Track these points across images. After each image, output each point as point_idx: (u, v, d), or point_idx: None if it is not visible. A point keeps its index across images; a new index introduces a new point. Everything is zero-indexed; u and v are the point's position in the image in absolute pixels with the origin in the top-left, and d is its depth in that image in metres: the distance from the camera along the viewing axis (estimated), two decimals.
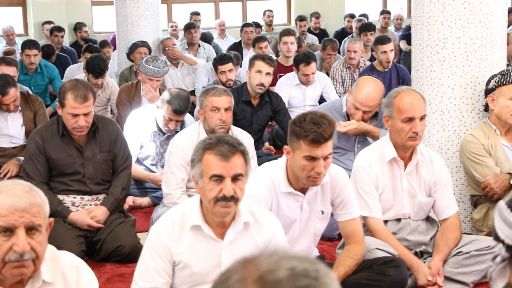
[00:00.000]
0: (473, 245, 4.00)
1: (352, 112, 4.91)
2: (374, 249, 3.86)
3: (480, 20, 4.69)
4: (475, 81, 4.75)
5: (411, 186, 4.08)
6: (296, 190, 3.65)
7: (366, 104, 4.85)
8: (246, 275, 1.14)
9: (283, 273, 1.13)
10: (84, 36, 12.47)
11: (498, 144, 4.56)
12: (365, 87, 4.88)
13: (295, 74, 7.49)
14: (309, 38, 12.44)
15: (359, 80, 4.99)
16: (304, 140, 3.43)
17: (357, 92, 4.86)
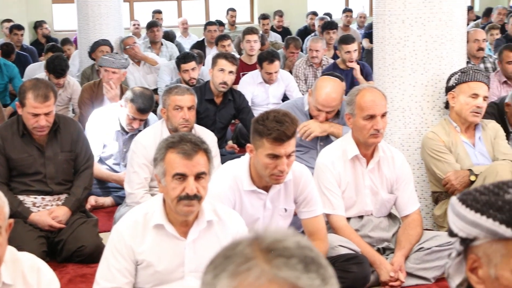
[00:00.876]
0: (434, 241, 4.05)
1: (315, 114, 4.91)
2: (337, 246, 3.88)
3: (441, 18, 4.74)
4: (435, 79, 4.80)
5: (373, 183, 4.11)
6: (259, 188, 3.65)
7: (327, 105, 4.85)
8: (253, 244, 1.17)
9: (291, 243, 1.16)
10: (46, 33, 12.32)
11: (458, 141, 4.61)
12: (324, 88, 4.87)
13: (258, 72, 7.49)
14: (272, 36, 12.45)
15: (318, 81, 4.99)
16: (267, 138, 3.43)
17: (318, 94, 4.85)
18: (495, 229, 1.53)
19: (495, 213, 1.53)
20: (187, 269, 3.10)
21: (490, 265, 1.57)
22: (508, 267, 1.54)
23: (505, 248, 1.54)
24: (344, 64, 7.72)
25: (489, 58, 7.76)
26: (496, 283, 1.56)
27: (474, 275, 1.61)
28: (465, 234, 1.59)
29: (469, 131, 4.67)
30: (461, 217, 1.58)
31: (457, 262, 1.64)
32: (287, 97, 7.49)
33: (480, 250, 1.58)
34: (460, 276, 1.65)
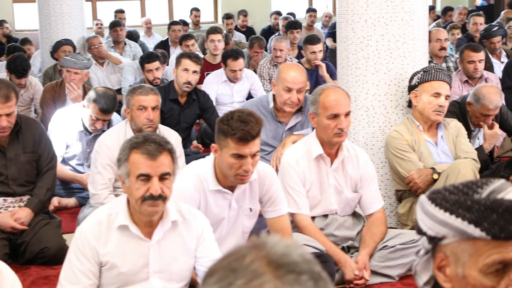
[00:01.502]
0: (398, 239, 4.08)
1: (285, 99, 4.86)
2: (302, 245, 3.89)
3: (403, 18, 4.78)
4: (398, 78, 4.84)
5: (338, 182, 4.13)
6: (225, 188, 3.65)
7: (296, 81, 4.85)
8: (261, 257, 1.14)
9: (297, 257, 1.15)
10: (7, 32, 12.16)
11: (421, 139, 4.66)
12: (289, 68, 4.93)
13: (222, 71, 7.48)
14: (236, 36, 12.45)
15: (279, 68, 5.03)
16: (232, 138, 3.43)
17: (284, 76, 4.85)
18: (463, 229, 1.54)
19: (464, 212, 1.54)
20: (151, 270, 3.08)
21: (457, 264, 1.58)
22: (475, 266, 1.55)
23: (473, 247, 1.55)
24: (309, 64, 7.75)
25: (451, 58, 7.85)
26: (464, 282, 1.57)
27: (441, 273, 1.62)
28: (433, 233, 1.60)
29: (431, 130, 4.72)
30: (430, 215, 1.59)
31: (424, 260, 1.65)
32: (252, 96, 7.49)
33: (448, 249, 1.59)
34: (427, 273, 1.66)
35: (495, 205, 1.52)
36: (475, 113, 5.21)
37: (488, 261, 1.54)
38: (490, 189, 1.57)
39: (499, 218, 1.51)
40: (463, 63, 6.68)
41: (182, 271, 3.13)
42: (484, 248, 1.54)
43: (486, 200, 1.53)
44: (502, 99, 5.28)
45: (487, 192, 1.56)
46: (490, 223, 1.52)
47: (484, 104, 5.11)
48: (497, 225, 1.52)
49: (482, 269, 1.54)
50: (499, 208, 1.52)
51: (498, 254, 1.53)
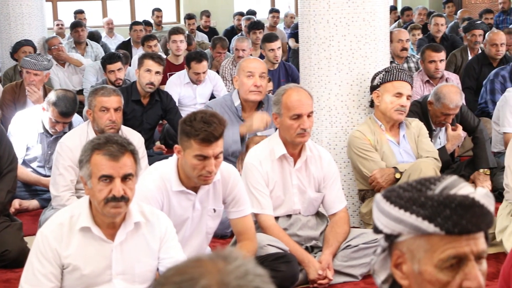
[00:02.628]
0: (361, 239, 4.11)
1: (252, 91, 4.91)
2: (266, 245, 3.89)
3: (364, 18, 4.81)
4: (360, 78, 4.87)
5: (301, 182, 4.14)
6: (188, 188, 3.64)
7: (258, 66, 4.92)
8: (212, 283, 1.13)
9: (254, 283, 1.14)
10: None
11: (383, 139, 4.69)
12: (247, 60, 5.04)
13: (185, 72, 7.46)
14: (199, 36, 12.42)
15: (238, 64, 5.07)
16: (195, 139, 3.42)
17: (244, 64, 4.96)
18: (418, 225, 1.56)
19: (418, 209, 1.56)
20: (114, 271, 3.06)
21: (413, 261, 1.59)
22: (431, 262, 1.57)
23: (428, 243, 1.57)
24: (270, 63, 7.76)
25: (412, 58, 7.93)
26: (420, 278, 1.59)
27: (398, 270, 1.63)
28: (389, 230, 1.61)
29: (393, 129, 4.76)
30: (386, 213, 1.61)
31: (382, 258, 1.66)
32: (215, 97, 7.48)
33: (404, 246, 1.61)
34: (385, 272, 1.67)
35: (448, 200, 1.54)
36: (436, 113, 5.26)
37: (443, 256, 1.55)
38: (442, 185, 1.59)
39: (452, 213, 1.53)
40: (424, 63, 6.75)
41: (145, 273, 3.12)
42: (438, 244, 1.56)
43: (439, 196, 1.55)
44: (462, 98, 5.35)
45: (440, 188, 1.58)
46: (443, 218, 1.54)
47: (444, 104, 5.17)
48: (451, 220, 1.53)
49: (437, 265, 1.56)
50: (452, 204, 1.54)
51: (452, 249, 1.55)
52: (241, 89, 4.97)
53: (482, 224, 1.56)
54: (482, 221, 1.56)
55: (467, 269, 1.56)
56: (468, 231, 1.55)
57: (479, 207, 1.55)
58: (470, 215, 1.54)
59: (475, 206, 1.55)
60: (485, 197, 1.57)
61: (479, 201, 1.55)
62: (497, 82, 6.67)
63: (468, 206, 1.54)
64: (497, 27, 10.89)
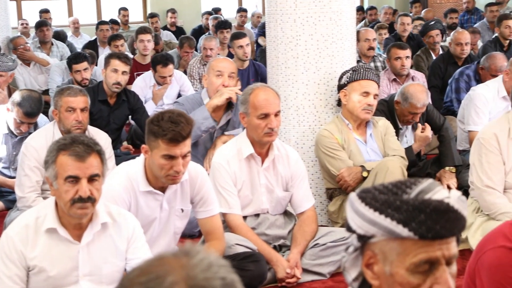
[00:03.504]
0: (329, 237, 4.13)
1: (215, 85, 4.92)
2: (234, 244, 3.89)
3: (331, 17, 4.83)
4: (327, 77, 4.89)
5: (269, 181, 4.15)
6: (155, 189, 3.62)
7: (227, 66, 4.91)
8: (179, 279, 1.14)
9: (218, 282, 1.15)
10: None
11: (351, 138, 4.71)
12: (217, 59, 5.04)
13: (151, 74, 7.42)
14: (166, 35, 12.37)
15: (208, 65, 5.07)
16: (162, 139, 3.41)
17: (214, 63, 4.95)
18: (392, 228, 1.57)
19: (393, 212, 1.56)
20: (81, 273, 3.04)
21: (385, 262, 1.60)
22: (402, 265, 1.58)
23: (401, 246, 1.57)
24: (240, 62, 7.76)
25: (379, 57, 7.98)
26: (391, 279, 1.60)
27: (369, 270, 1.64)
28: (363, 231, 1.62)
29: (360, 128, 4.79)
30: (360, 214, 1.61)
31: (353, 257, 1.67)
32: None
33: (377, 247, 1.61)
34: (356, 270, 1.68)
35: (423, 205, 1.55)
36: (403, 112, 5.30)
37: (415, 260, 1.56)
38: (418, 189, 1.59)
39: (426, 219, 1.54)
40: (391, 61, 6.80)
41: (113, 273, 3.09)
42: (411, 248, 1.57)
43: (415, 201, 1.56)
44: (428, 97, 5.39)
45: (416, 192, 1.59)
46: (418, 223, 1.54)
47: (412, 103, 5.20)
48: (425, 225, 1.54)
49: (409, 268, 1.57)
50: (426, 209, 1.54)
51: (424, 254, 1.56)
52: (210, 88, 4.96)
53: (455, 229, 1.57)
54: (455, 226, 1.57)
55: (438, 273, 1.57)
56: (441, 236, 1.56)
57: (453, 212, 1.56)
58: (444, 221, 1.55)
59: (449, 212, 1.55)
60: (459, 202, 1.58)
61: (453, 206, 1.56)
62: (462, 81, 6.74)
63: (443, 211, 1.55)
64: (461, 27, 11.01)
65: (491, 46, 8.35)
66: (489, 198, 4.21)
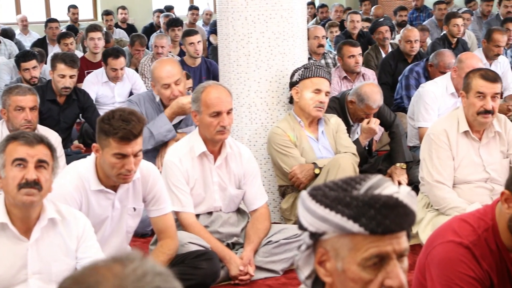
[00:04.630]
0: (282, 234, 4.14)
1: (172, 99, 4.88)
2: (187, 243, 3.88)
3: (282, 15, 4.84)
4: (279, 75, 4.90)
5: (221, 179, 4.15)
6: (107, 187, 3.59)
7: (171, 74, 4.87)
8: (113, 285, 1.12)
9: None
10: None
11: (303, 135, 4.74)
12: (159, 65, 4.95)
13: (103, 70, 7.35)
14: (118, 33, 12.27)
15: (151, 69, 5.04)
16: (113, 137, 3.38)
17: (158, 74, 4.89)
18: (343, 224, 1.58)
19: (344, 208, 1.57)
20: (30, 271, 3.00)
21: (337, 259, 1.61)
22: (354, 260, 1.59)
23: (352, 242, 1.59)
24: (192, 60, 7.74)
25: (330, 54, 8.03)
26: (343, 276, 1.61)
27: (322, 268, 1.65)
28: (314, 229, 1.62)
29: (312, 125, 4.81)
30: (311, 212, 1.62)
31: (306, 254, 1.67)
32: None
33: (329, 244, 1.62)
34: (309, 268, 1.69)
35: (373, 201, 1.56)
36: (357, 111, 5.34)
37: (366, 255, 1.58)
38: (368, 185, 1.60)
39: (376, 214, 1.55)
40: (343, 59, 6.85)
41: (63, 272, 3.05)
42: (362, 243, 1.58)
43: (364, 196, 1.57)
44: (382, 97, 5.43)
45: (365, 188, 1.60)
46: (368, 218, 1.56)
47: (368, 104, 5.24)
48: (375, 220, 1.56)
49: (360, 263, 1.58)
50: (376, 204, 1.56)
51: (375, 248, 1.57)
52: (161, 97, 4.93)
53: (405, 224, 1.59)
54: (405, 221, 1.59)
55: (389, 268, 1.59)
56: (391, 231, 1.57)
57: (402, 207, 1.58)
58: (394, 215, 1.56)
59: (399, 206, 1.57)
60: (408, 197, 1.59)
61: (403, 201, 1.58)
62: (411, 78, 6.83)
63: (392, 206, 1.56)
64: (411, 24, 11.14)
65: (440, 43, 8.47)
66: (439, 193, 4.27)
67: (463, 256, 2.39)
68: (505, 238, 2.42)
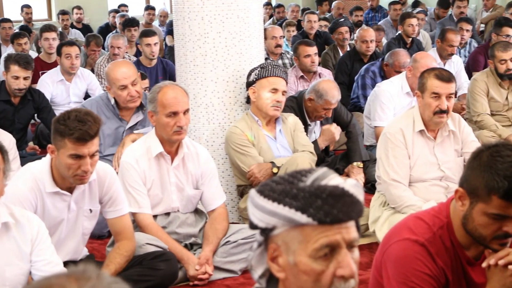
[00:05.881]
0: (240, 234, 4.14)
1: (129, 100, 4.83)
2: (144, 244, 3.86)
3: (238, 15, 4.84)
4: (236, 75, 4.90)
5: (179, 180, 4.13)
6: (63, 189, 3.55)
7: (127, 75, 4.83)
8: None
9: None
10: None
11: (260, 134, 4.75)
12: (114, 67, 4.92)
13: (58, 70, 7.27)
14: (73, 33, 12.15)
15: (106, 71, 4.99)
16: (69, 138, 3.35)
17: (113, 75, 4.84)
18: (291, 216, 1.59)
19: (291, 201, 1.58)
20: None
21: (288, 252, 1.62)
22: (305, 252, 1.60)
23: (302, 234, 1.60)
24: (148, 60, 7.70)
25: (287, 54, 8.07)
26: (295, 269, 1.62)
27: (275, 263, 1.66)
28: (264, 224, 1.63)
29: (270, 124, 4.83)
30: (260, 207, 1.62)
31: (258, 253, 1.68)
32: (90, 96, 7.33)
33: (279, 239, 1.63)
34: (262, 266, 1.69)
35: (319, 191, 1.58)
36: (316, 108, 5.37)
37: (316, 245, 1.59)
38: (313, 176, 1.62)
39: (323, 204, 1.57)
40: (299, 59, 6.88)
41: (17, 276, 3.01)
42: (311, 234, 1.59)
43: (311, 187, 1.59)
44: (340, 92, 5.47)
45: (311, 180, 1.61)
46: (315, 208, 1.57)
47: (327, 100, 5.28)
48: (322, 210, 1.57)
49: (311, 255, 1.60)
50: (323, 194, 1.57)
51: (325, 238, 1.59)
52: (118, 99, 4.88)
53: (352, 213, 1.61)
54: (352, 210, 1.61)
55: (340, 257, 1.60)
56: (340, 220, 1.59)
57: (349, 196, 1.59)
58: (341, 205, 1.58)
59: (345, 196, 1.59)
60: (354, 187, 1.62)
61: (349, 190, 1.60)
62: (367, 77, 6.89)
63: (339, 195, 1.58)
64: (366, 24, 11.24)
65: (395, 43, 8.57)
66: (395, 192, 4.31)
67: (418, 254, 2.42)
68: (459, 235, 2.46)
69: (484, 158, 2.32)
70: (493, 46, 6.26)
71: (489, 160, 2.30)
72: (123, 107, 4.90)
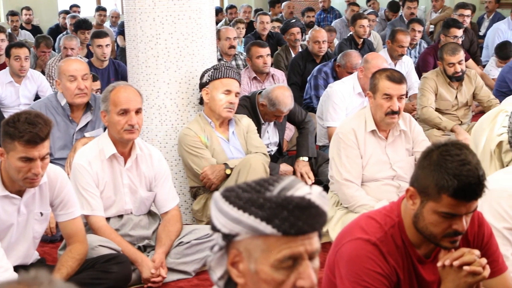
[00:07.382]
0: (193, 235, 4.13)
1: (77, 94, 4.79)
2: (97, 246, 3.83)
3: (190, 16, 4.83)
4: (189, 76, 4.89)
5: (132, 182, 4.11)
6: (12, 192, 3.50)
7: (78, 68, 4.81)
8: None
9: None
10: None
11: (213, 136, 4.74)
12: (66, 61, 4.91)
13: (7, 71, 7.15)
14: (22, 34, 11.97)
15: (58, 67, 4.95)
16: (19, 141, 3.30)
17: (64, 68, 4.82)
18: (256, 226, 1.58)
19: (257, 210, 1.58)
20: None
21: (250, 260, 1.61)
22: (267, 261, 1.59)
23: (265, 244, 1.59)
24: (99, 62, 7.62)
25: (240, 56, 8.07)
26: (256, 277, 1.62)
27: (235, 269, 1.65)
28: (227, 230, 1.62)
29: (223, 126, 4.82)
30: (224, 213, 1.61)
31: (219, 256, 1.67)
32: (40, 98, 7.23)
33: (242, 245, 1.62)
34: (221, 268, 1.69)
35: (286, 202, 1.57)
36: (267, 113, 5.37)
37: (279, 256, 1.59)
38: (280, 186, 1.61)
39: (289, 215, 1.56)
40: (252, 60, 6.89)
41: None
42: (275, 244, 1.59)
43: (277, 198, 1.58)
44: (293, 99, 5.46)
45: (278, 190, 1.61)
46: (281, 220, 1.57)
47: (279, 109, 5.28)
48: (288, 222, 1.57)
49: (273, 264, 1.59)
50: (289, 205, 1.57)
51: (288, 249, 1.59)
52: (66, 93, 4.83)
53: (317, 225, 1.61)
54: (317, 222, 1.61)
55: (301, 268, 1.60)
56: (304, 232, 1.59)
57: (314, 208, 1.59)
58: (306, 216, 1.58)
59: (311, 207, 1.59)
60: (320, 197, 1.61)
61: (315, 202, 1.59)
62: (320, 78, 6.93)
63: (305, 207, 1.58)
64: (318, 25, 11.32)
65: (347, 44, 8.63)
66: (347, 191, 4.35)
67: (370, 253, 2.44)
68: (410, 234, 2.49)
69: (434, 157, 2.35)
70: (441, 49, 6.34)
71: (439, 159, 2.33)
72: (72, 105, 4.84)
